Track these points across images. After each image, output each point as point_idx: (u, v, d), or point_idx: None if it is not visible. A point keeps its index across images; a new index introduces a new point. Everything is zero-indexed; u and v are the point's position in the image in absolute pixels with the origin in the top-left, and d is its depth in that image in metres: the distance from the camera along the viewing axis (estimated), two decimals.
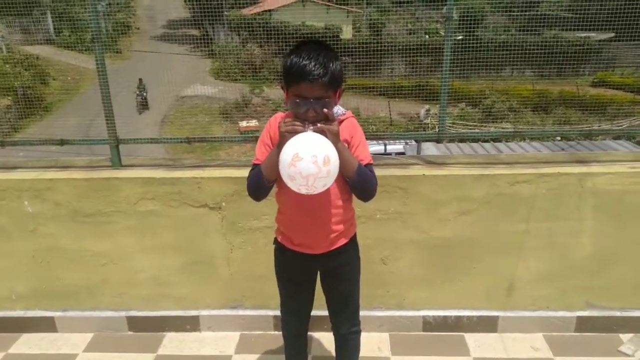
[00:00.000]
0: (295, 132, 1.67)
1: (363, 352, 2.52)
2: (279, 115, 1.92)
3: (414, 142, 11.19)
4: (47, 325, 2.84)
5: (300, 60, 1.70)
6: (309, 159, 1.59)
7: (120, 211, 2.63)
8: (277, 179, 1.78)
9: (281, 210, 2.02)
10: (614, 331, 2.73)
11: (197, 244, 2.69)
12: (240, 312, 2.79)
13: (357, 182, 1.85)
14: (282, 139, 1.70)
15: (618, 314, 2.72)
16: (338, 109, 1.91)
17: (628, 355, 2.59)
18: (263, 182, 1.85)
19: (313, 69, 1.68)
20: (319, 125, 1.70)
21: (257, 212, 2.55)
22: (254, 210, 2.55)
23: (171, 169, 2.66)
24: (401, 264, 2.68)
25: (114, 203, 2.62)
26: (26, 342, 2.81)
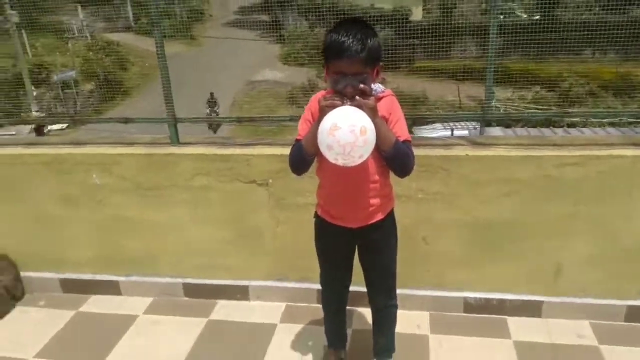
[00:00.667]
0: (335, 107, 1.75)
1: (402, 329, 2.60)
2: (320, 93, 2.01)
3: (478, 127, 10.92)
4: (112, 288, 3.12)
5: (339, 37, 1.77)
6: (347, 128, 1.67)
7: (177, 185, 2.83)
8: (318, 153, 1.87)
9: (321, 184, 2.12)
10: None
11: (246, 218, 2.84)
12: (286, 284, 2.93)
13: (394, 156, 1.90)
14: (322, 113, 1.78)
15: None
16: (378, 87, 1.97)
17: None
18: (304, 155, 1.95)
19: (351, 45, 1.75)
20: (357, 99, 1.77)
21: (302, 189, 2.66)
22: (298, 187, 2.66)
23: (224, 147, 2.82)
24: (443, 244, 2.70)
25: (171, 177, 2.82)
26: (94, 303, 3.10)
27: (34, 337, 2.82)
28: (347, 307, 2.52)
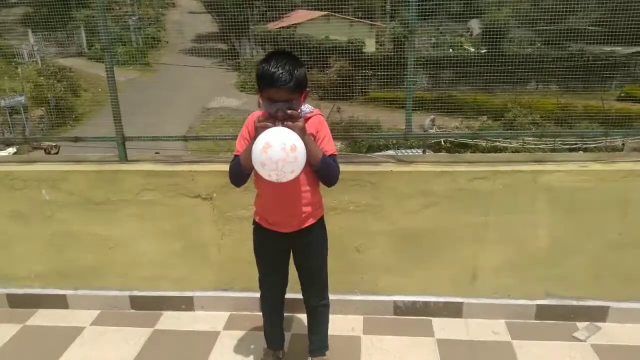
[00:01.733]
0: (267, 128, 2.00)
1: (338, 332, 2.84)
2: (256, 114, 2.26)
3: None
4: (60, 302, 3.20)
5: (270, 68, 2.03)
6: (278, 146, 1.92)
7: (126, 200, 2.99)
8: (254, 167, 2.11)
9: (258, 194, 2.35)
10: (571, 319, 2.95)
11: (192, 230, 3.02)
12: (230, 294, 3.11)
13: (321, 169, 2.17)
14: (256, 133, 2.03)
15: (575, 303, 2.94)
16: (307, 107, 2.24)
17: (581, 340, 2.81)
18: (242, 170, 2.18)
19: (280, 76, 2.01)
20: (286, 123, 2.03)
21: (244, 203, 2.87)
22: (241, 201, 2.87)
23: (170, 164, 3.01)
24: (374, 252, 2.97)
25: (120, 193, 2.98)
26: (42, 316, 3.17)
27: None
28: (287, 314, 2.74)
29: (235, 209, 2.92)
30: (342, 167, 2.25)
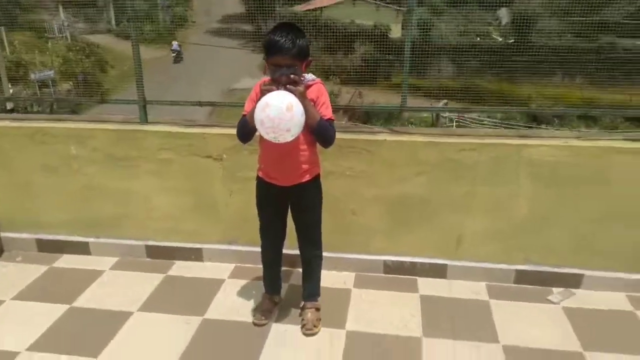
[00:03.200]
0: (271, 91, 2.28)
1: (331, 284, 3.13)
2: (263, 79, 2.53)
3: None
4: (83, 248, 3.54)
5: (275, 37, 2.32)
6: (276, 104, 2.20)
7: (144, 157, 3.30)
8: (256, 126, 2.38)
9: (261, 151, 2.63)
10: (548, 285, 3.18)
11: (203, 188, 3.32)
12: (236, 248, 3.41)
13: (318, 131, 2.44)
14: (261, 95, 2.31)
15: (551, 269, 3.18)
16: (309, 76, 2.51)
17: (554, 303, 3.05)
18: (248, 127, 2.46)
19: (284, 44, 2.30)
20: (288, 86, 2.30)
21: (251, 164, 3.10)
22: (248, 162, 3.14)
23: (185, 126, 3.31)
24: (367, 215, 3.23)
25: (139, 150, 3.29)
26: (66, 260, 3.52)
27: (11, 285, 3.23)
28: (286, 268, 3.05)
29: (243, 170, 3.21)
30: (342, 135, 2.51)
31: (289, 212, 2.74)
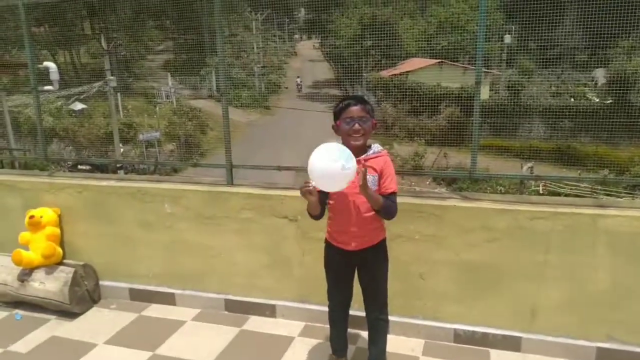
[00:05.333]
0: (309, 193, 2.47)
1: (398, 350, 3.14)
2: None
3: None
4: (169, 299, 3.85)
5: (347, 100, 2.62)
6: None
7: (228, 217, 3.59)
8: (329, 197, 2.62)
9: (330, 216, 2.79)
10: None
11: (279, 247, 3.53)
12: (307, 306, 3.53)
13: (381, 210, 2.57)
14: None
15: (638, 349, 2.95)
16: (376, 147, 2.68)
17: None
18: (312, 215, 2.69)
19: (355, 100, 2.61)
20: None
21: (323, 226, 3.31)
22: (320, 224, 3.31)
23: (265, 189, 3.57)
24: (436, 280, 3.24)
25: (224, 210, 3.59)
26: (154, 309, 3.83)
27: (105, 330, 3.57)
28: (355, 330, 3.12)
29: (315, 231, 3.37)
30: (410, 200, 2.60)
31: (356, 275, 2.84)
